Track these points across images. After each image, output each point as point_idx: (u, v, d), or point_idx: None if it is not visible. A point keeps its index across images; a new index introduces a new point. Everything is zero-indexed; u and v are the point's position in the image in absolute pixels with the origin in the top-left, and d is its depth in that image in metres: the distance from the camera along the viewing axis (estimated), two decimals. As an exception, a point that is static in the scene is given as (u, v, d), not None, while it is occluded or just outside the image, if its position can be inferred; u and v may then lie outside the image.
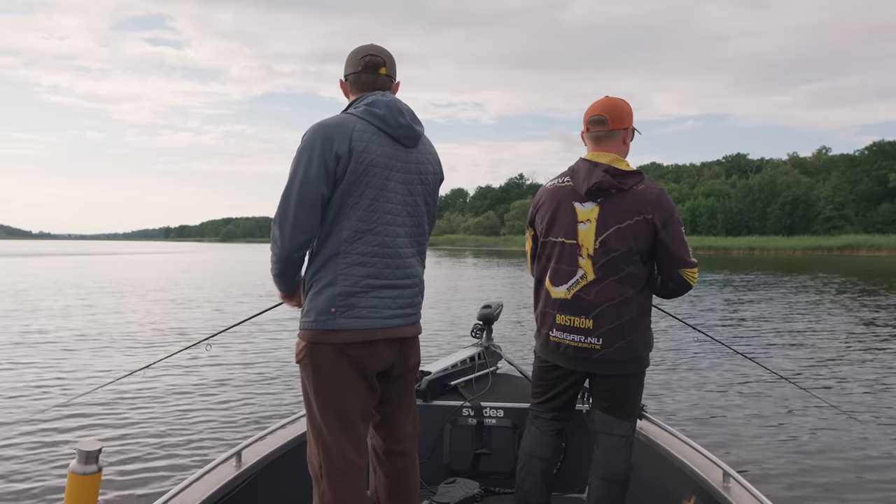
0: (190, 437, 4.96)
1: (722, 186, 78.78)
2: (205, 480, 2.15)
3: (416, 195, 2.05)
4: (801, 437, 5.16)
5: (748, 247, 61.88)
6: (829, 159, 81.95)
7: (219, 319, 12.08)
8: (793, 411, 5.89)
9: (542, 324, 2.47)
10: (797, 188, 72.72)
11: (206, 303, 15.20)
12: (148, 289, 19.21)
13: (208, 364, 7.65)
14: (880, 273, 28.14)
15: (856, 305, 14.87)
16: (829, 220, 68.99)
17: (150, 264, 38.17)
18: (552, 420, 2.53)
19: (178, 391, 6.37)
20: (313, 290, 1.93)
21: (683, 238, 2.30)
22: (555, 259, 2.40)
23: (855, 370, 7.74)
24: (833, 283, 21.78)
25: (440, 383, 3.21)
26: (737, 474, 2.28)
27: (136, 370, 3.13)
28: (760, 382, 7.00)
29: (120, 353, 8.52)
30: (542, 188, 2.58)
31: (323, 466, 1.93)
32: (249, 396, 6.24)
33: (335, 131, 1.90)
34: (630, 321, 2.29)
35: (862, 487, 4.17)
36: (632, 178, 2.31)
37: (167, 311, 13.38)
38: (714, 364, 7.97)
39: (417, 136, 2.05)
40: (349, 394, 1.93)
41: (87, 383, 6.60)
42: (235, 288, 19.69)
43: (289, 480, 2.48)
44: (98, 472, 1.51)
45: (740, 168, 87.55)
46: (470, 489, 2.75)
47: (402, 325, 2.01)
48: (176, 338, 9.84)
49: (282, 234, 1.89)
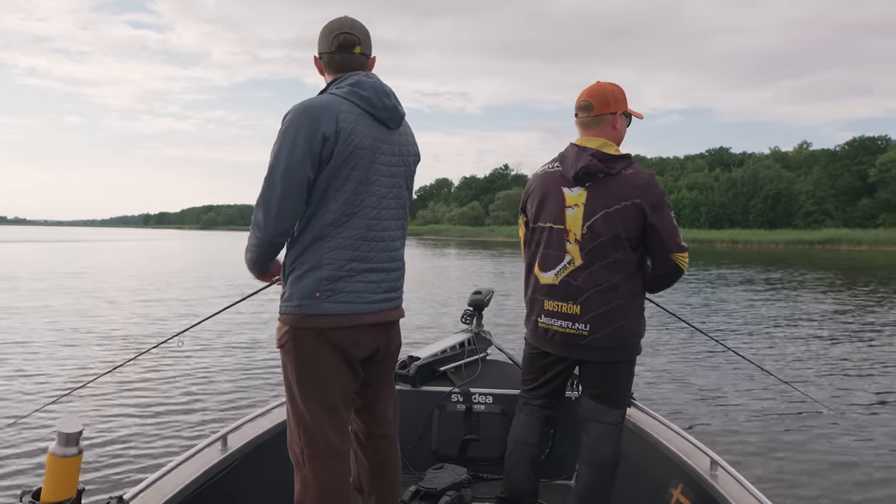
0: (174, 423, 4.92)
1: (705, 180, 79.41)
2: (190, 463, 2.11)
3: (398, 177, 2.03)
4: (780, 426, 5.27)
5: (732, 240, 62.56)
6: (811, 154, 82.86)
7: (193, 310, 11.97)
8: (771, 401, 5.99)
9: (530, 310, 2.46)
10: (779, 182, 73.54)
11: (184, 293, 15.05)
12: (125, 276, 19.03)
13: (189, 351, 7.56)
14: (864, 267, 28.55)
15: (839, 300, 15.09)
16: (810, 214, 69.89)
17: (128, 251, 37.80)
18: (541, 407, 2.52)
19: (159, 378, 6.30)
20: (295, 273, 1.89)
21: (674, 223, 2.29)
22: (543, 244, 2.39)
23: (835, 364, 7.87)
24: (818, 278, 22.05)
25: (429, 369, 3.19)
26: (723, 461, 2.29)
27: (118, 365, 3.07)
28: (740, 371, 7.09)
29: (99, 345, 8.38)
30: (534, 174, 2.57)
31: (305, 452, 1.90)
32: (233, 382, 6.20)
33: (321, 112, 1.84)
34: (618, 307, 2.27)
35: (843, 472, 4.28)
36: (620, 162, 2.30)
37: (143, 302, 13.24)
38: (699, 354, 8.05)
39: (401, 117, 2.03)
40: (332, 379, 1.90)
41: (65, 379, 6.42)
42: (214, 279, 19.53)
43: (275, 464, 2.45)
44: (79, 455, 1.46)
45: (723, 161, 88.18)
46: (458, 475, 2.73)
47: (386, 310, 2.00)
48: (155, 327, 9.74)
49: (265, 219, 1.84)
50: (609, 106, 2.36)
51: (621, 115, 2.39)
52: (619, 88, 2.42)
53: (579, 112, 2.41)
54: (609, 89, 2.39)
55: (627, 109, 2.43)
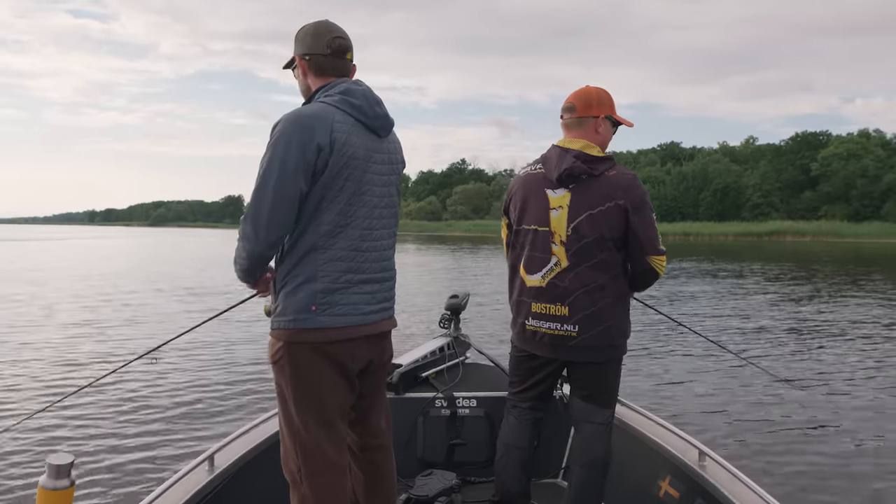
0: (157, 444, 4.70)
1: (657, 174, 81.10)
2: (178, 487, 2.05)
3: (389, 185, 2.01)
4: (761, 413, 5.47)
5: (684, 232, 64.07)
6: (757, 149, 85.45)
7: (161, 320, 11.61)
8: (752, 388, 6.20)
9: (517, 313, 2.45)
10: (727, 176, 75.65)
11: (147, 298, 14.60)
12: (76, 277, 18.32)
13: (167, 369, 7.08)
14: (822, 259, 29.68)
15: (801, 290, 15.62)
16: (756, 206, 72.16)
17: (76, 250, 36.43)
18: (530, 409, 2.52)
19: (137, 398, 5.94)
20: (288, 287, 1.83)
21: (654, 225, 2.31)
22: (528, 247, 2.39)
23: (812, 351, 8.18)
24: (776, 270, 22.90)
25: (412, 375, 3.16)
26: (712, 452, 2.34)
27: (92, 382, 2.92)
28: (719, 361, 7.28)
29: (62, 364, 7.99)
30: (516, 176, 2.57)
31: (302, 469, 1.85)
32: (215, 398, 5.93)
33: (314, 122, 1.79)
34: (605, 308, 2.28)
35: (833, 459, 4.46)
36: (603, 163, 2.31)
37: (106, 309, 12.78)
38: (677, 348, 8.21)
39: (391, 125, 2.00)
40: (329, 393, 1.86)
41: (40, 396, 6.03)
42: (177, 280, 19.01)
43: (263, 482, 2.39)
44: (71, 487, 1.37)
45: (674, 156, 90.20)
46: (448, 480, 2.72)
47: (380, 320, 1.97)
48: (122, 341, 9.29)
49: (255, 231, 1.78)
50: (591, 109, 2.37)
51: (604, 119, 2.40)
52: (605, 93, 2.44)
53: (564, 114, 2.43)
54: (594, 93, 2.41)
55: (614, 115, 2.44)
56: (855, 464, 4.33)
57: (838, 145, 70.95)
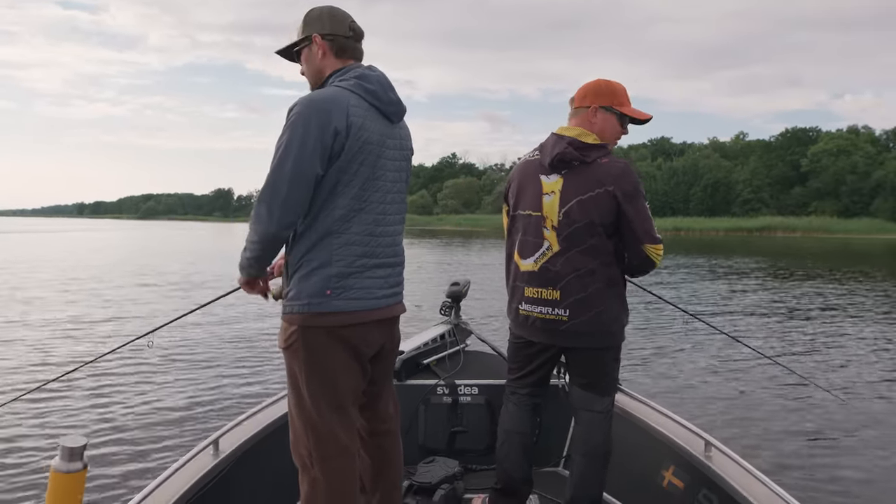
0: (162, 429, 4.69)
1: (648, 169, 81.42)
2: (183, 471, 2.04)
3: (401, 171, 2.02)
4: (772, 406, 5.46)
5: (675, 227, 64.43)
6: (747, 144, 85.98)
7: (152, 307, 11.55)
8: (762, 382, 6.18)
9: (512, 297, 2.48)
10: (718, 171, 76.12)
11: (136, 289, 14.52)
12: (64, 269, 18.20)
13: (167, 354, 7.08)
14: (816, 253, 29.81)
15: (792, 285, 15.72)
16: (747, 202, 72.67)
17: (66, 242, 36.14)
18: (528, 395, 2.53)
19: (140, 382, 5.92)
20: (302, 271, 1.83)
21: (648, 214, 2.32)
22: (522, 232, 2.42)
23: (826, 345, 8.20)
24: (774, 265, 22.87)
25: (413, 362, 3.16)
26: (718, 442, 2.32)
27: (73, 369, 2.89)
28: (723, 351, 7.32)
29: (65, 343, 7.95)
30: (516, 163, 2.59)
31: (314, 454, 1.85)
32: (219, 383, 5.93)
33: (332, 106, 1.79)
34: (596, 293, 2.29)
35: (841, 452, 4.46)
36: (595, 151, 2.33)
37: (96, 297, 12.71)
38: (683, 338, 8.22)
39: (404, 112, 2.01)
40: (343, 377, 1.86)
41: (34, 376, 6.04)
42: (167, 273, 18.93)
43: (268, 466, 2.38)
44: (83, 470, 1.36)
45: (665, 151, 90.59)
46: (450, 467, 2.72)
47: (392, 305, 1.98)
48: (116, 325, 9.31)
49: (269, 213, 1.76)
50: (585, 99, 2.41)
51: (600, 109, 2.39)
52: (607, 85, 2.43)
53: (569, 104, 2.48)
54: (592, 85, 2.44)
55: (614, 106, 2.41)
56: (865, 461, 4.28)
57: (828, 141, 71.57)
